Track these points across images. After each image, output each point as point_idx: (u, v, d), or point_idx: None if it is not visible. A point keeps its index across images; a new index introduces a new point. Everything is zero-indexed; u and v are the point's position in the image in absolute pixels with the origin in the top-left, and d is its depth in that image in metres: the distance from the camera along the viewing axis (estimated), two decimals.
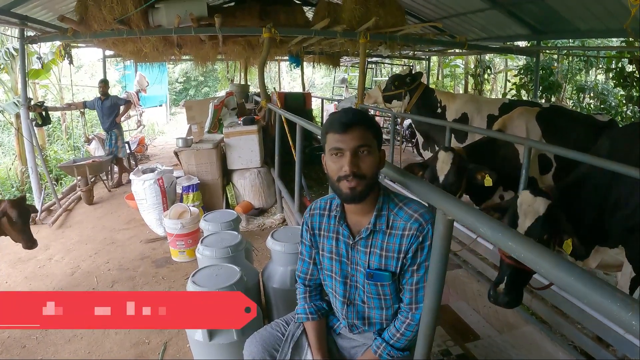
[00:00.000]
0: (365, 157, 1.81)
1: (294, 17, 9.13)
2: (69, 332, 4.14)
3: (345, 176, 1.79)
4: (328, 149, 1.84)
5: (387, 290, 2.01)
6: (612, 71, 10.17)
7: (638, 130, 3.52)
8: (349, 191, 1.82)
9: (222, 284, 2.92)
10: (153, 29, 7.35)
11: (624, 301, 0.84)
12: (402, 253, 1.92)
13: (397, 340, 2.02)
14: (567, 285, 0.97)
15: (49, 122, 8.72)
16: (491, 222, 1.26)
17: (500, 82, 19.07)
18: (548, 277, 1.04)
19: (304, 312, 2.28)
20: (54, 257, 5.93)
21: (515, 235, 1.16)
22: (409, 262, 1.93)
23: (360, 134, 1.80)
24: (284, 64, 22.00)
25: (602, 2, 6.38)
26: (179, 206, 5.87)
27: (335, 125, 1.81)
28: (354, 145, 1.78)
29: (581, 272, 0.95)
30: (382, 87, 6.65)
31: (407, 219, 1.90)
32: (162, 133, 19.36)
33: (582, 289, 0.93)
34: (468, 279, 4.14)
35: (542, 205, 2.72)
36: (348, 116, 1.83)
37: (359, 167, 1.79)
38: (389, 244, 1.93)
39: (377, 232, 1.95)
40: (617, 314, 0.84)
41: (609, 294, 0.87)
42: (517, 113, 4.69)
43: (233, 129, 7.41)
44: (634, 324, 0.81)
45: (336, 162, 1.82)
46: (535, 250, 1.07)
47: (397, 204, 1.96)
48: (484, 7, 8.41)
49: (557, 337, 3.25)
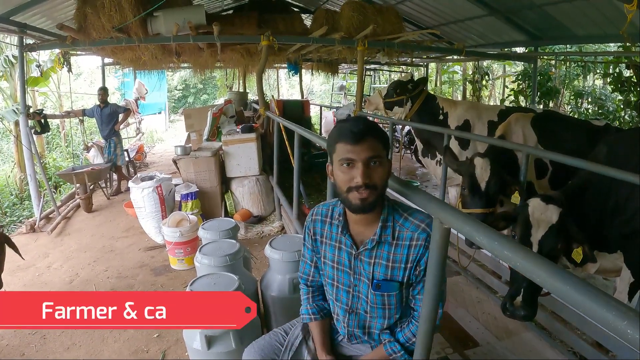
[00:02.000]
0: (376, 168, 1.79)
1: (292, 25, 9.16)
2: (68, 341, 4.14)
3: (356, 187, 1.77)
4: (337, 159, 1.81)
5: (393, 300, 2.00)
6: (609, 76, 10.18)
7: (635, 135, 3.53)
8: (359, 202, 1.79)
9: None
10: (152, 37, 7.35)
11: (620, 310, 0.84)
12: (409, 263, 1.91)
13: (412, 344, 2.00)
14: (563, 294, 0.97)
15: (48, 129, 8.74)
16: (487, 230, 1.26)
17: (499, 88, 19.14)
18: (544, 285, 1.04)
19: (307, 313, 2.28)
20: (53, 264, 5.93)
21: (510, 243, 1.16)
22: (422, 273, 1.91)
23: (372, 145, 1.77)
24: (283, 72, 22.05)
25: (599, 8, 6.42)
26: (177, 214, 5.87)
27: (347, 135, 1.78)
28: (366, 157, 1.76)
29: (577, 281, 0.95)
30: (383, 94, 6.55)
31: (414, 229, 1.89)
32: (161, 140, 19.35)
33: (578, 297, 0.93)
34: (467, 286, 4.13)
35: (555, 213, 2.72)
36: (359, 126, 1.79)
37: (371, 178, 1.77)
38: (395, 254, 1.92)
39: (383, 243, 1.93)
40: (612, 322, 0.84)
41: (605, 302, 0.87)
42: (513, 119, 4.69)
43: (231, 137, 7.42)
44: (629, 333, 0.81)
45: (347, 173, 1.79)
46: (531, 259, 1.07)
47: (402, 215, 1.94)
48: (481, 13, 8.46)
49: (557, 344, 3.24)
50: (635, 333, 0.79)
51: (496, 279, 4.02)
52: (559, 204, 2.77)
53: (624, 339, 0.82)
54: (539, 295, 2.69)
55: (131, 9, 6.88)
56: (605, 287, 4.35)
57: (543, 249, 2.70)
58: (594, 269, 3.33)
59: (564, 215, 2.72)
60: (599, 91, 13.80)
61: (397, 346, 2.04)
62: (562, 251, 2.77)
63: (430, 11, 9.65)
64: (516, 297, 2.62)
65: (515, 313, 2.62)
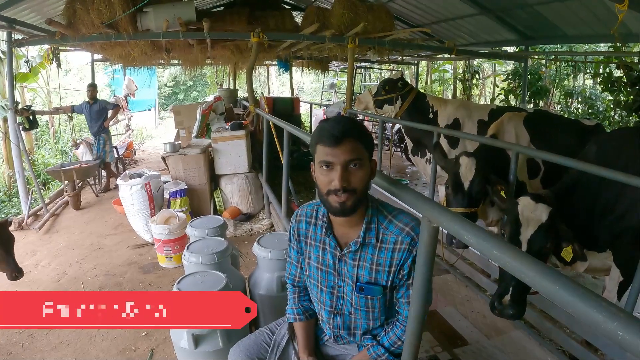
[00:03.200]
0: (356, 170, 1.76)
1: (283, 22, 9.12)
2: (55, 339, 4.12)
3: (335, 190, 1.75)
4: (317, 160, 1.79)
5: (377, 303, 1.98)
6: (599, 76, 10.20)
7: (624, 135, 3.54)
8: (338, 205, 1.77)
9: (208, 291, 2.89)
10: (141, 33, 7.31)
11: (610, 310, 0.83)
12: (393, 267, 1.89)
13: (397, 347, 1.99)
14: (553, 294, 0.95)
15: (37, 126, 8.69)
16: (475, 229, 1.25)
17: (489, 87, 19.21)
18: (533, 285, 1.02)
19: (292, 313, 2.26)
20: (41, 262, 5.88)
21: (498, 242, 1.15)
22: (406, 277, 1.90)
23: (351, 147, 1.74)
24: (273, 69, 22.02)
25: (590, 8, 6.44)
26: (166, 211, 5.84)
27: (326, 137, 1.75)
28: (345, 160, 1.73)
29: (566, 281, 0.94)
30: (373, 92, 6.56)
31: (398, 233, 1.87)
32: (150, 137, 19.30)
33: (568, 298, 0.91)
34: (456, 285, 4.13)
35: (544, 212, 2.72)
36: (339, 127, 1.75)
37: (349, 182, 1.75)
38: (379, 257, 1.90)
39: (367, 245, 1.91)
40: (602, 323, 0.83)
41: (595, 303, 0.86)
42: (506, 118, 4.70)
43: (221, 134, 7.39)
44: (619, 334, 0.79)
45: (326, 176, 1.77)
46: (520, 258, 1.06)
47: (386, 217, 1.92)
48: (472, 12, 8.48)
49: (546, 342, 3.24)
50: (626, 334, 0.78)
51: (485, 278, 4.03)
52: (548, 203, 2.77)
53: (614, 340, 0.80)
54: (527, 293, 2.69)
55: (121, 5, 6.83)
56: (594, 286, 4.36)
57: (532, 247, 2.70)
58: (583, 268, 3.32)
59: (553, 214, 2.72)
60: (589, 91, 13.88)
61: (381, 349, 2.02)
62: (551, 250, 2.77)
63: (421, 9, 9.66)
64: (505, 296, 2.61)
65: (504, 312, 2.62)
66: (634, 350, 0.75)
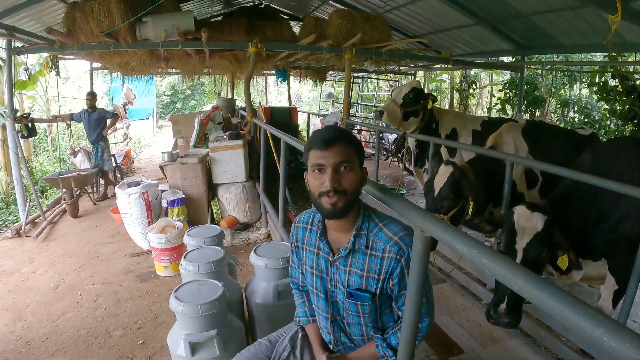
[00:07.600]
0: (346, 173, 1.80)
1: (281, 32, 9.18)
2: (53, 347, 4.13)
3: (326, 192, 1.79)
4: (310, 165, 1.84)
5: (367, 309, 1.99)
6: (595, 85, 10.27)
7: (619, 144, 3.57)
8: (330, 207, 1.81)
9: (205, 300, 2.91)
10: (140, 42, 7.34)
11: (596, 318, 0.85)
12: (382, 275, 1.91)
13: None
14: (542, 302, 0.97)
15: (35, 133, 8.69)
16: (467, 239, 1.27)
17: (486, 96, 19.26)
18: (522, 293, 1.04)
19: (304, 315, 2.29)
20: (38, 270, 5.88)
21: (489, 252, 1.17)
22: (398, 287, 1.91)
23: (341, 150, 1.80)
24: (271, 79, 22.05)
25: (585, 18, 6.48)
26: (163, 220, 5.85)
27: (317, 142, 1.81)
28: (335, 162, 1.78)
29: (554, 289, 0.96)
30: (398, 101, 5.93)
31: (387, 241, 1.89)
32: (148, 146, 19.28)
33: (555, 305, 0.93)
34: (452, 293, 4.15)
35: (540, 221, 2.73)
36: (330, 133, 1.83)
37: (340, 183, 1.79)
38: (370, 264, 1.92)
39: (357, 251, 1.94)
40: (589, 330, 0.85)
41: (582, 310, 0.88)
42: (505, 129, 4.71)
43: (219, 144, 7.42)
44: (605, 340, 0.81)
45: (318, 179, 1.82)
46: (509, 267, 1.08)
47: (377, 224, 1.94)
48: (469, 22, 8.51)
49: (541, 351, 3.26)
50: (611, 341, 0.80)
51: (481, 286, 4.04)
52: (544, 212, 2.78)
53: (600, 346, 0.82)
54: (523, 302, 2.70)
55: (120, 14, 6.86)
56: (590, 295, 4.38)
57: (528, 256, 2.72)
58: (579, 277, 3.35)
59: (549, 222, 2.73)
60: (585, 100, 13.94)
61: (389, 352, 2.02)
62: (547, 259, 2.79)
63: (418, 20, 9.70)
64: (500, 305, 2.63)
65: (500, 320, 2.63)
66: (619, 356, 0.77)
